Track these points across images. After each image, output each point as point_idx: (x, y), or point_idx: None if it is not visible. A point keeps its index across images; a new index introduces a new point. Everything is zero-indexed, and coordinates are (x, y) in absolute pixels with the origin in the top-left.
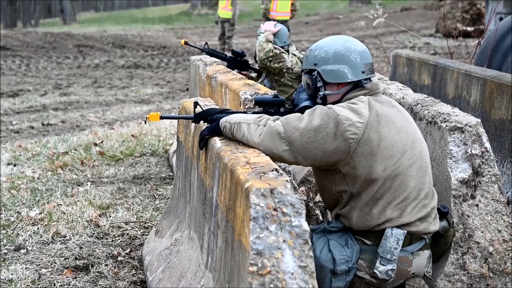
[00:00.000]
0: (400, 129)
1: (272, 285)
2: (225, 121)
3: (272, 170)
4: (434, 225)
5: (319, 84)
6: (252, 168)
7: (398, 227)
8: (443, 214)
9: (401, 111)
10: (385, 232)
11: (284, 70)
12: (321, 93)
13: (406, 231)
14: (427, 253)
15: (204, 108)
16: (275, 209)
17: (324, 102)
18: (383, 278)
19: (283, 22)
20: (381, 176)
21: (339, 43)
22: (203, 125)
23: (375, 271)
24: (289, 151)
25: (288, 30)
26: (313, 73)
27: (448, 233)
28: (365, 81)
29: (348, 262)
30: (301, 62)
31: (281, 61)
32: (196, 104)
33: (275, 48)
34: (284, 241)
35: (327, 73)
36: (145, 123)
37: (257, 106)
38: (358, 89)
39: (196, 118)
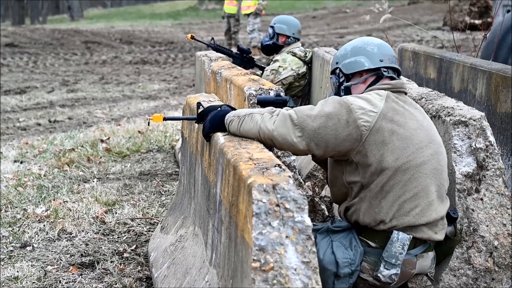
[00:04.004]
0: (418, 126)
1: (275, 281)
2: (232, 115)
3: (275, 166)
4: (440, 235)
5: (342, 79)
6: (255, 164)
7: (403, 229)
8: (452, 219)
9: (424, 114)
10: (391, 237)
11: (292, 80)
12: (343, 86)
13: (411, 236)
14: (431, 254)
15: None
16: (277, 205)
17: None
18: (386, 281)
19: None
20: (391, 166)
21: (358, 40)
22: None
23: (378, 275)
24: (302, 137)
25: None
26: (336, 71)
27: (454, 237)
28: (385, 70)
29: (351, 265)
30: (301, 60)
31: (284, 80)
32: (199, 104)
33: (273, 73)
34: (287, 236)
35: (346, 65)
36: (148, 125)
37: (259, 106)
38: (381, 83)
39: (199, 118)
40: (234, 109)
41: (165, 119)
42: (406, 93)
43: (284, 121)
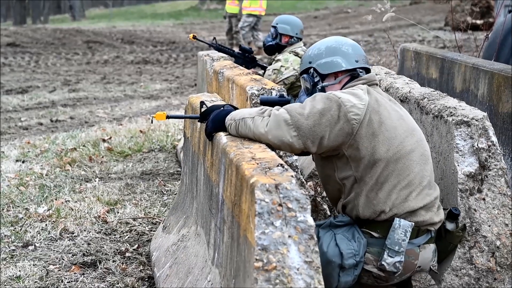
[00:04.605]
0: (400, 116)
1: (277, 281)
2: (230, 118)
3: (277, 166)
4: (438, 215)
5: (317, 79)
6: (257, 164)
7: (404, 216)
8: (454, 216)
9: (398, 105)
10: (393, 224)
11: (294, 80)
12: (319, 86)
13: (413, 223)
14: (432, 246)
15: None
16: (280, 205)
17: None
18: (391, 270)
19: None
20: (384, 157)
21: (330, 39)
22: None
23: (383, 263)
24: (298, 137)
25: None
26: (309, 70)
27: (454, 231)
28: (361, 70)
29: (355, 256)
30: None
31: (286, 80)
32: (202, 103)
33: (276, 73)
34: (289, 236)
35: (321, 66)
36: (151, 123)
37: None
38: (356, 79)
39: (202, 117)
40: (236, 108)
41: (168, 117)
42: (377, 85)
43: (277, 122)
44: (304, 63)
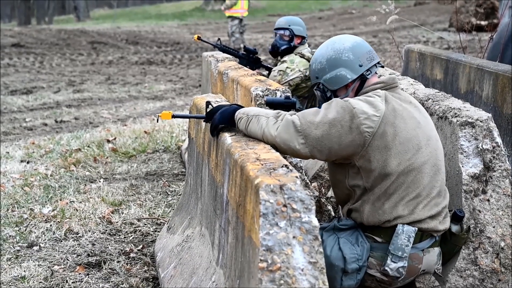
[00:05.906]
0: (416, 125)
1: (282, 281)
2: (242, 112)
3: (282, 166)
4: (444, 224)
5: (328, 94)
6: (262, 164)
7: (408, 224)
8: (459, 218)
9: (419, 108)
10: (396, 229)
11: (299, 81)
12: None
13: (416, 228)
14: (437, 250)
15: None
16: (284, 205)
17: None
18: (394, 275)
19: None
20: (395, 171)
21: (328, 48)
22: None
23: (386, 268)
24: (305, 144)
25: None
26: (319, 85)
27: (459, 234)
28: (367, 72)
29: (358, 261)
30: (309, 61)
31: (291, 81)
32: (208, 103)
33: (281, 74)
34: (294, 237)
35: (328, 81)
36: (157, 122)
37: (268, 107)
38: (372, 82)
39: (208, 117)
40: (243, 107)
41: (174, 116)
42: (397, 87)
43: (287, 127)
44: (312, 78)
